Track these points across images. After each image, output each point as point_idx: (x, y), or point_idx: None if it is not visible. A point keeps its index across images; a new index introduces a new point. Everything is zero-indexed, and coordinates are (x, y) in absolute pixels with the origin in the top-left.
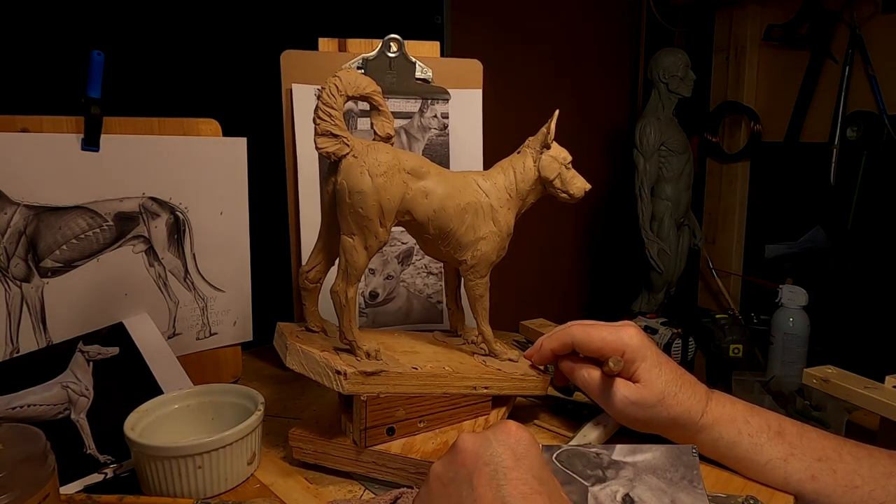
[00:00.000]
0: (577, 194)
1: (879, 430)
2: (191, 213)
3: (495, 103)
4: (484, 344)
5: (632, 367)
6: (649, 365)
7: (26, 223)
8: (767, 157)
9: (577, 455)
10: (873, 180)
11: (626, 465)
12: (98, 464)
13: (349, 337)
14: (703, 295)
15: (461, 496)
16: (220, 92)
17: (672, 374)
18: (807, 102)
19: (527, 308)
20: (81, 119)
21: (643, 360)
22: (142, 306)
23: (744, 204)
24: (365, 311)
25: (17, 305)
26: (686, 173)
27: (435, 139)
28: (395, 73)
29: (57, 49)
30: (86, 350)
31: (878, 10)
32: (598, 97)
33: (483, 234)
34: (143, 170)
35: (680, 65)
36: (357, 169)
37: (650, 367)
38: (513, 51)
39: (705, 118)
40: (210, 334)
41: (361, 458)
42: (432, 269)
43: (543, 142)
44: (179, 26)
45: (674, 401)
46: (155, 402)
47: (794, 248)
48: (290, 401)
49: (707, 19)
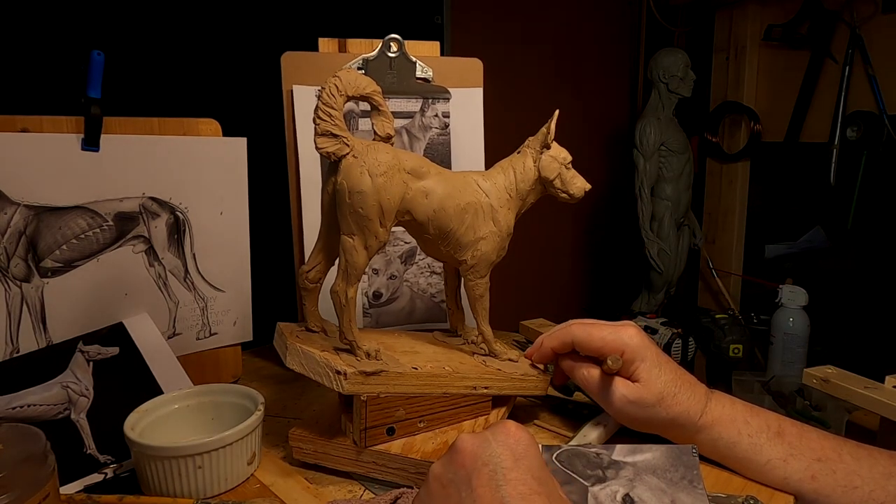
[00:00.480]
0: (577, 194)
1: (879, 430)
2: (191, 213)
3: (496, 103)
4: (484, 344)
5: (631, 367)
6: (649, 365)
7: (26, 223)
8: (767, 157)
9: (577, 455)
10: (873, 180)
11: (626, 465)
12: (98, 464)
13: (349, 337)
14: (703, 295)
15: (460, 497)
16: (220, 92)
17: (672, 374)
18: (807, 102)
19: (527, 308)
20: (81, 119)
21: (643, 361)
22: (142, 306)
23: (744, 204)
24: (369, 311)
25: (17, 305)
26: (686, 173)
27: (436, 138)
28: (395, 72)
29: (57, 49)
30: (86, 350)
31: (878, 10)
32: (598, 97)
33: (483, 234)
34: (143, 170)
35: (680, 65)
36: (357, 169)
37: (650, 367)
38: (513, 51)
39: (705, 118)
40: (210, 334)
41: (361, 458)
42: (435, 268)
43: (543, 142)
44: (180, 27)
45: (673, 401)
46: (155, 402)
47: (794, 248)
48: (290, 401)
49: (707, 19)
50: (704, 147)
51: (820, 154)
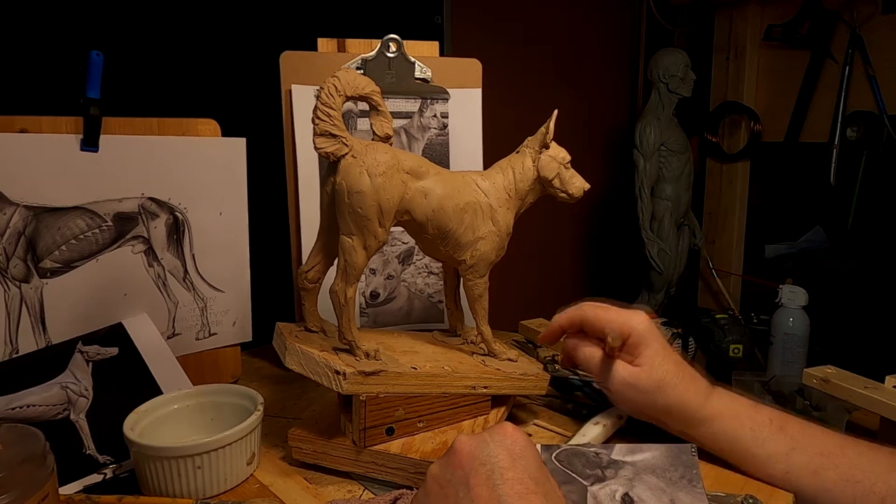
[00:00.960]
0: (575, 194)
1: (879, 430)
2: (190, 214)
3: (496, 103)
4: (483, 344)
5: (635, 352)
6: (652, 352)
7: (25, 224)
8: (767, 157)
9: (577, 454)
10: (873, 180)
11: (625, 465)
12: (97, 464)
13: (348, 337)
14: (703, 295)
15: (458, 496)
16: (219, 92)
17: (674, 365)
18: (807, 102)
19: (526, 308)
20: (80, 119)
21: (647, 347)
22: (141, 307)
23: (744, 204)
24: (366, 311)
25: (17, 306)
26: (686, 173)
27: (435, 139)
28: (394, 73)
29: (56, 49)
30: (85, 350)
31: (878, 10)
32: (598, 97)
33: (482, 234)
34: (142, 170)
35: (680, 65)
36: (356, 169)
37: (653, 354)
38: (513, 51)
39: (705, 118)
40: (209, 335)
41: (361, 458)
42: (433, 268)
43: (542, 141)
44: (178, 27)
45: (672, 390)
46: (154, 403)
47: (794, 248)
48: (289, 401)
49: (707, 19)
50: (704, 147)
51: (820, 154)
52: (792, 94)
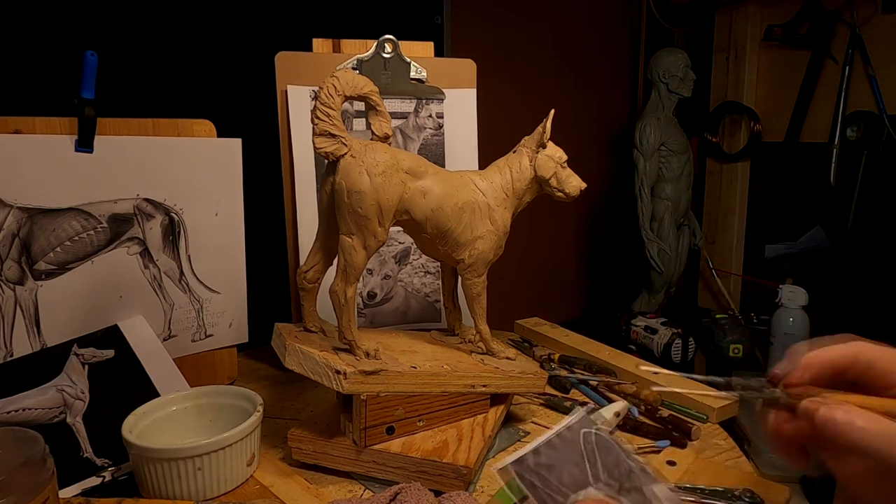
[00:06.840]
0: (572, 193)
1: None
2: (185, 215)
3: (496, 103)
4: (481, 342)
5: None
6: None
7: (20, 225)
8: (767, 157)
9: (609, 449)
10: (873, 180)
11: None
12: (95, 467)
13: (348, 336)
14: (703, 295)
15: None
16: (214, 93)
17: None
18: (807, 102)
19: (526, 308)
20: (75, 120)
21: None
22: (137, 308)
23: (744, 204)
24: (363, 311)
25: (11, 309)
26: (686, 173)
27: (430, 139)
28: (389, 73)
29: (50, 50)
30: (81, 353)
31: (878, 10)
32: (598, 97)
33: (480, 233)
34: (137, 171)
35: (680, 65)
36: (355, 169)
37: None
38: (513, 50)
39: (705, 118)
40: (206, 336)
41: (361, 457)
42: (430, 268)
43: (539, 141)
44: (174, 27)
45: None
46: (153, 405)
47: (794, 248)
48: (287, 401)
49: (707, 19)
50: (704, 147)
51: (820, 154)
52: (792, 94)
